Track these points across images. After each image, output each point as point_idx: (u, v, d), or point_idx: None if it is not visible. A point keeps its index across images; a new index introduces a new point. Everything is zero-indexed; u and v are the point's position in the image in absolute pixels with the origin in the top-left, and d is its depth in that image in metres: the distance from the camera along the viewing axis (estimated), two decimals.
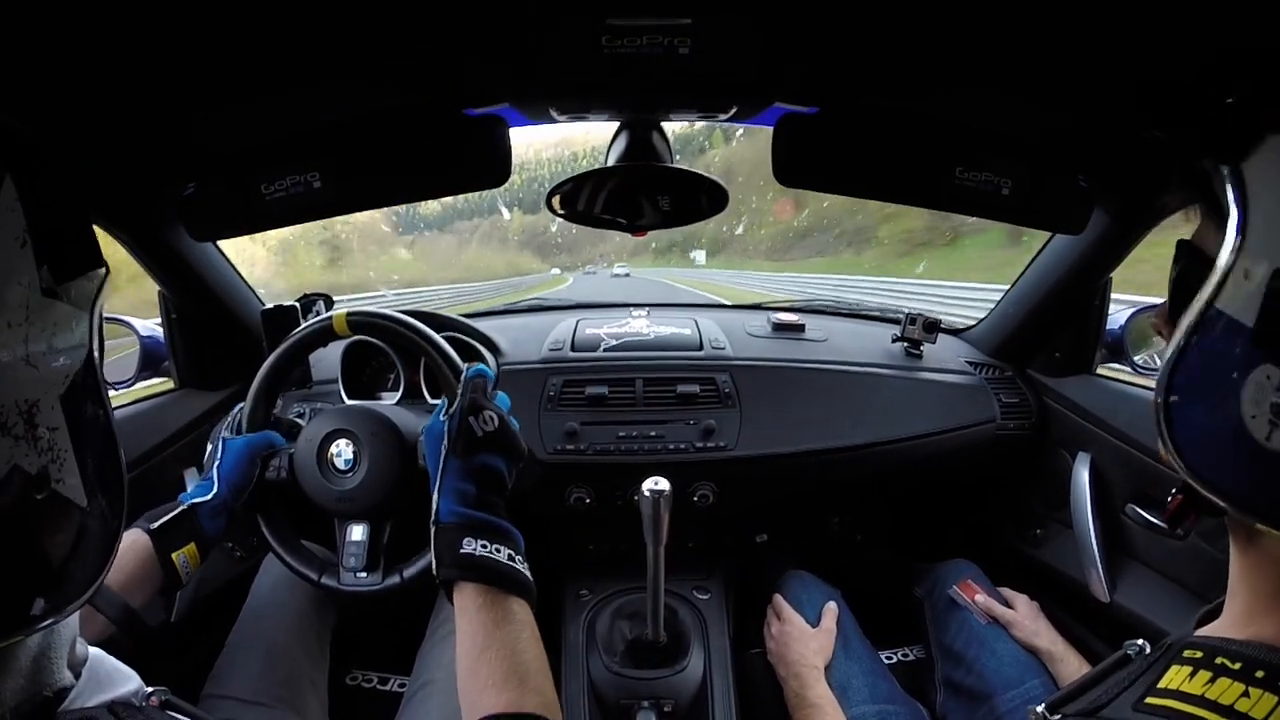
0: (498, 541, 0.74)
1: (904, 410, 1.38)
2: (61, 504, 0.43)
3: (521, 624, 0.72)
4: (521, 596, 0.73)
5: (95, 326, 0.47)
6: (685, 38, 0.70)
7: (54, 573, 0.43)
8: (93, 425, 0.46)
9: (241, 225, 0.99)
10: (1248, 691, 0.41)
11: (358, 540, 0.96)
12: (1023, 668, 1.10)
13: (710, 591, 1.35)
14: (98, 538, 0.46)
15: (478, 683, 0.67)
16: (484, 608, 0.71)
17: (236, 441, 0.97)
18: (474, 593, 0.72)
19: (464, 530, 0.73)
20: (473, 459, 0.78)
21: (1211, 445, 0.44)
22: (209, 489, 0.93)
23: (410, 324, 0.98)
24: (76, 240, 0.47)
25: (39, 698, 0.45)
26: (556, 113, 0.91)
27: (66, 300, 0.44)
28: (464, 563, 0.72)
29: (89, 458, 0.45)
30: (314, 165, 0.92)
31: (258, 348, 1.12)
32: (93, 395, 0.46)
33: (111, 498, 0.47)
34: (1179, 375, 0.46)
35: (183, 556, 0.88)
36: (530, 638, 0.71)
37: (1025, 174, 0.91)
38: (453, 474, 0.77)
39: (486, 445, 0.79)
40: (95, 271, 0.47)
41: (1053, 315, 1.38)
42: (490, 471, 0.79)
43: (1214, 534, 1.04)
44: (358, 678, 1.35)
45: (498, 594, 0.72)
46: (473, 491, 0.77)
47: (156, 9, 0.60)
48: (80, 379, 0.45)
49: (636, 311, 1.63)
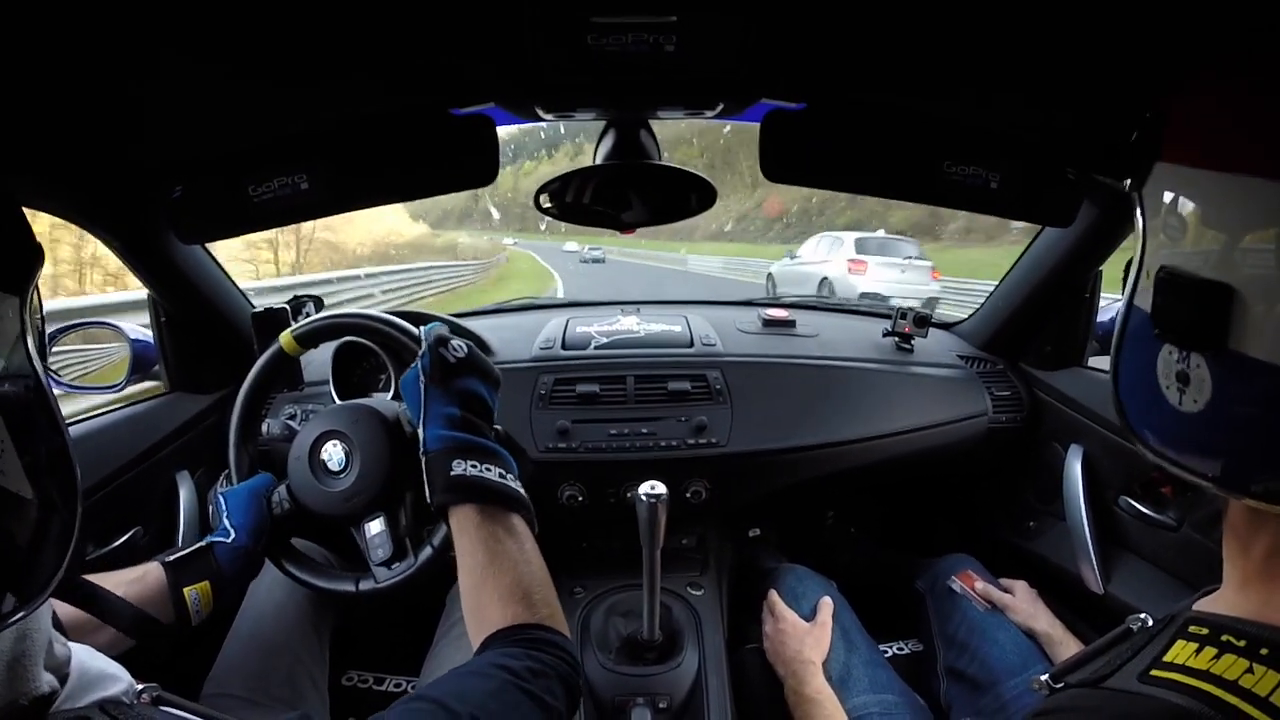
0: (487, 461, 0.74)
1: (895, 404, 1.38)
2: (5, 498, 0.41)
3: (522, 537, 0.72)
4: (518, 512, 0.74)
5: (28, 312, 0.44)
6: (671, 35, 0.70)
7: (9, 567, 0.42)
8: (33, 415, 0.44)
9: (229, 227, 0.99)
10: (1252, 668, 0.43)
11: (378, 533, 0.95)
12: (1025, 655, 1.10)
13: (704, 587, 1.35)
14: (51, 530, 0.44)
15: (483, 599, 0.67)
16: (482, 525, 0.71)
17: (235, 490, 0.96)
18: (471, 512, 0.72)
19: (452, 453, 0.73)
20: (451, 383, 0.79)
21: (1153, 419, 0.52)
22: (227, 534, 0.91)
23: (352, 314, 0.99)
24: (4, 229, 0.45)
25: (17, 705, 0.45)
26: (543, 111, 0.91)
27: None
28: (455, 485, 0.72)
29: (29, 447, 0.43)
30: (301, 166, 0.91)
31: (248, 349, 1.11)
32: (29, 382, 0.44)
33: (61, 486, 0.45)
34: (1122, 364, 0.56)
35: (194, 593, 0.86)
36: (532, 550, 0.72)
37: (1014, 167, 0.92)
38: (434, 401, 0.77)
39: (461, 369, 0.80)
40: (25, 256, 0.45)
41: (1043, 308, 1.38)
42: (471, 394, 0.79)
43: (1206, 524, 1.04)
44: (353, 678, 1.34)
45: (495, 510, 0.72)
46: (457, 414, 0.77)
47: (144, 12, 0.60)
48: (12, 365, 0.43)
49: (627, 309, 1.63)
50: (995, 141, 0.92)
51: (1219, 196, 0.47)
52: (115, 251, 1.12)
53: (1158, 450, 0.52)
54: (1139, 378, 0.53)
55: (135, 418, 1.28)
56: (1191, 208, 0.49)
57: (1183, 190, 0.49)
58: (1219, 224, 0.47)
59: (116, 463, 1.18)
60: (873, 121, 0.92)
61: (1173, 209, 0.50)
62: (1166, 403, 0.50)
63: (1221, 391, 0.46)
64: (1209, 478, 0.48)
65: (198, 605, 0.86)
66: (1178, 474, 0.50)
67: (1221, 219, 0.47)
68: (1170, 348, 0.49)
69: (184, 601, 0.85)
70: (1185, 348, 0.48)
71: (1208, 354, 0.46)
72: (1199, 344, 0.47)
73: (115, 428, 1.23)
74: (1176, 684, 0.45)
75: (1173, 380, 0.49)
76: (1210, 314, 0.45)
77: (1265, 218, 0.43)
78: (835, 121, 0.91)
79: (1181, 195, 0.49)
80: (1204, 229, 0.48)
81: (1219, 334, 0.45)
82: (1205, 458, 0.49)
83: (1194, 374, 0.47)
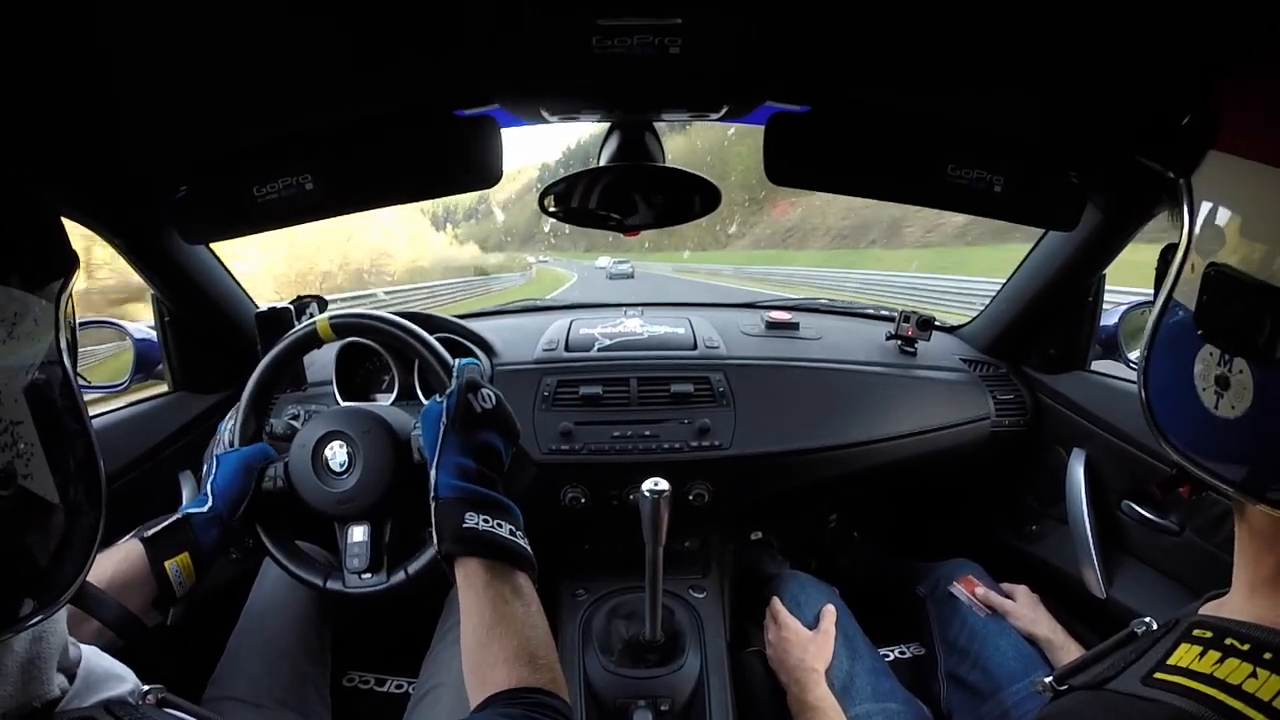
0: (499, 516, 0.74)
1: (898, 408, 1.38)
2: (32, 501, 0.41)
3: (528, 599, 0.72)
4: (525, 570, 0.74)
5: (62, 317, 0.45)
6: (675, 37, 0.70)
7: (31, 571, 0.42)
8: (62, 419, 0.44)
9: (234, 228, 0.99)
10: (1255, 672, 0.42)
11: (359, 541, 0.96)
12: (1026, 661, 1.10)
13: (706, 590, 1.35)
14: (75, 534, 0.45)
15: (488, 658, 0.67)
16: (490, 584, 0.71)
17: (230, 456, 0.97)
18: (478, 568, 0.71)
19: (465, 505, 0.73)
20: (472, 435, 0.78)
21: (1182, 420, 0.50)
22: (204, 503, 0.92)
23: (395, 322, 0.98)
24: (41, 236, 0.46)
25: (29, 707, 0.45)
26: (547, 113, 0.91)
27: (27, 289, 0.42)
28: (466, 537, 0.72)
29: (59, 452, 0.43)
30: (306, 167, 0.92)
31: (252, 350, 1.11)
32: (61, 388, 0.45)
33: (88, 492, 0.46)
34: (1154, 360, 0.53)
35: (175, 566, 0.86)
36: (537, 612, 0.72)
37: (1017, 171, 0.92)
38: (452, 449, 0.77)
39: (485, 422, 0.80)
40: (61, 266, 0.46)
41: (1046, 312, 1.38)
42: (489, 448, 0.79)
43: (1209, 529, 1.04)
44: (354, 679, 1.34)
45: (503, 568, 0.72)
46: (472, 467, 0.77)
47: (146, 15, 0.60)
48: (46, 371, 0.43)
49: (630, 311, 1.63)
50: (999, 145, 0.92)
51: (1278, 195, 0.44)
52: (119, 251, 1.13)
53: (1183, 452, 0.50)
54: (1173, 376, 0.50)
55: (138, 417, 1.29)
56: (1249, 204, 0.46)
57: (1240, 184, 0.47)
58: (1277, 224, 0.44)
59: (119, 462, 1.18)
60: (877, 125, 0.92)
61: (1227, 202, 0.47)
62: (1200, 405, 0.47)
63: (1264, 401, 0.44)
64: (1231, 482, 0.47)
65: (180, 577, 0.87)
66: (1199, 476, 0.49)
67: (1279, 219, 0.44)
68: (1212, 349, 0.46)
69: (165, 575, 0.85)
70: (1230, 351, 0.45)
71: (1253, 360, 0.44)
72: (1247, 349, 0.44)
73: (118, 427, 1.24)
74: (1180, 687, 0.45)
75: (1210, 383, 0.47)
76: (1264, 319, 0.43)
77: None
78: (839, 124, 0.91)
79: (1238, 189, 0.47)
80: (1261, 228, 0.45)
81: (1271, 341, 0.42)
82: (1232, 464, 0.47)
83: (1235, 379, 0.45)
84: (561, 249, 54.46)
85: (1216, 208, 0.47)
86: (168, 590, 0.86)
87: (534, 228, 62.07)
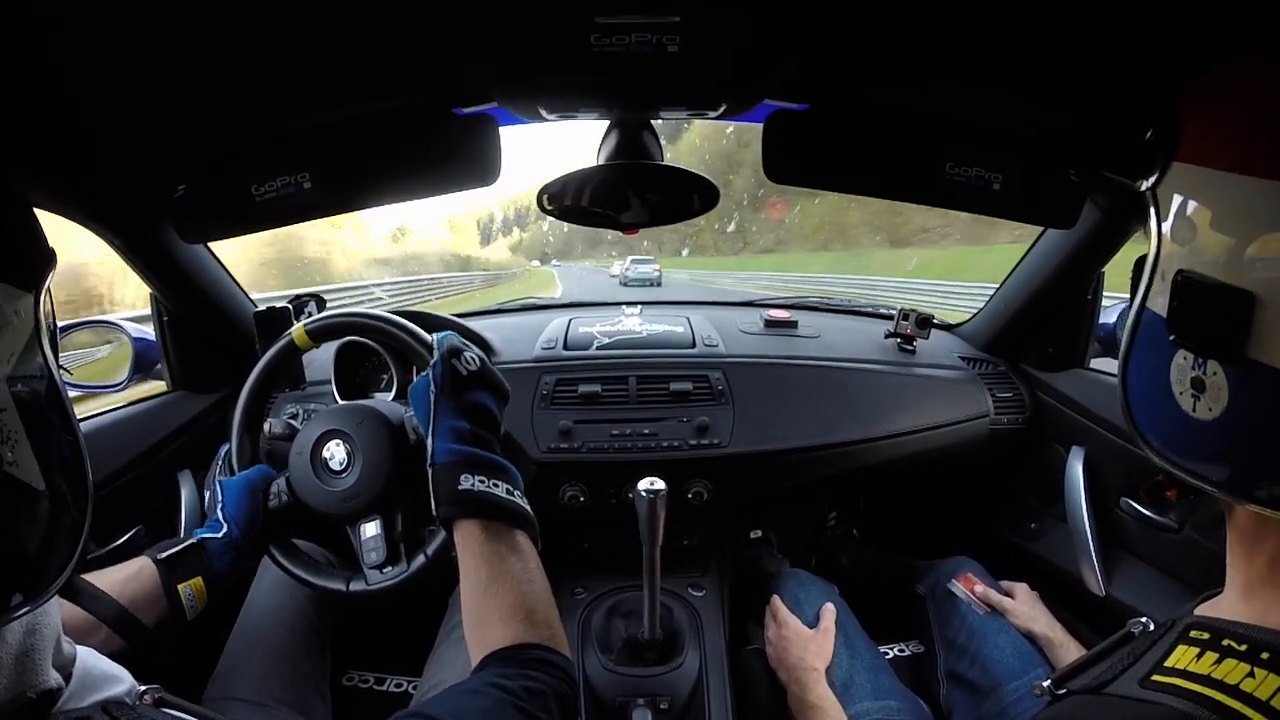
0: (495, 476, 0.74)
1: (897, 406, 1.38)
2: (17, 487, 0.42)
3: (526, 555, 0.72)
4: (523, 529, 0.73)
5: (42, 306, 0.46)
6: (674, 35, 0.70)
7: (19, 560, 0.42)
8: (45, 409, 0.45)
9: (232, 226, 0.99)
10: (1253, 672, 0.42)
11: (373, 536, 0.95)
12: (1025, 658, 1.10)
13: (705, 589, 1.35)
14: (62, 524, 0.45)
15: (486, 617, 0.67)
16: (487, 541, 0.71)
17: (233, 481, 0.96)
18: (476, 528, 0.71)
19: (460, 467, 0.73)
20: (462, 397, 0.79)
21: (1162, 424, 0.51)
22: (218, 528, 0.91)
23: (367, 314, 0.99)
24: (18, 231, 0.47)
25: (23, 698, 0.45)
26: (546, 111, 0.91)
27: (7, 282, 0.43)
28: (462, 498, 0.72)
29: (44, 441, 0.44)
30: (304, 166, 0.91)
31: (250, 349, 1.11)
32: (43, 375, 0.45)
33: (72, 481, 0.47)
34: (1131, 367, 0.54)
35: (189, 589, 0.86)
36: (536, 568, 0.72)
37: (1017, 169, 0.91)
38: (444, 413, 0.77)
39: (472, 382, 0.80)
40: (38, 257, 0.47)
41: (1045, 310, 1.38)
42: (481, 408, 0.79)
43: (1208, 527, 1.04)
44: (354, 678, 1.34)
45: (500, 527, 0.72)
46: (466, 428, 0.77)
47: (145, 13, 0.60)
48: (27, 362, 0.44)
49: (629, 309, 1.64)
50: (998, 143, 0.92)
51: (1240, 200, 0.46)
52: (117, 250, 1.12)
53: (1166, 456, 0.51)
54: (1150, 382, 0.52)
55: (137, 417, 1.28)
56: (1212, 210, 0.48)
57: (1202, 192, 0.48)
58: (1240, 228, 0.45)
59: (118, 462, 1.18)
60: (876, 123, 0.92)
61: (1191, 210, 0.49)
62: (1179, 409, 0.49)
63: (1238, 401, 0.45)
64: (1214, 482, 0.48)
65: (192, 601, 0.86)
66: (1183, 479, 0.50)
67: (1242, 223, 0.45)
68: (1185, 353, 0.48)
69: (178, 597, 0.85)
70: (1203, 355, 0.47)
71: (1225, 362, 0.45)
72: (1218, 352, 0.45)
73: (117, 426, 1.24)
74: (1178, 689, 0.45)
75: (1187, 386, 0.48)
76: (1232, 321, 0.44)
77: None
78: (838, 122, 0.91)
79: (1201, 197, 0.48)
80: (1224, 233, 0.46)
81: (1240, 342, 0.44)
82: (1214, 464, 0.48)
83: (1210, 381, 0.46)
84: (597, 257, 53.54)
85: (1182, 216, 0.49)
86: (179, 612, 0.85)
87: (574, 236, 61.77)
